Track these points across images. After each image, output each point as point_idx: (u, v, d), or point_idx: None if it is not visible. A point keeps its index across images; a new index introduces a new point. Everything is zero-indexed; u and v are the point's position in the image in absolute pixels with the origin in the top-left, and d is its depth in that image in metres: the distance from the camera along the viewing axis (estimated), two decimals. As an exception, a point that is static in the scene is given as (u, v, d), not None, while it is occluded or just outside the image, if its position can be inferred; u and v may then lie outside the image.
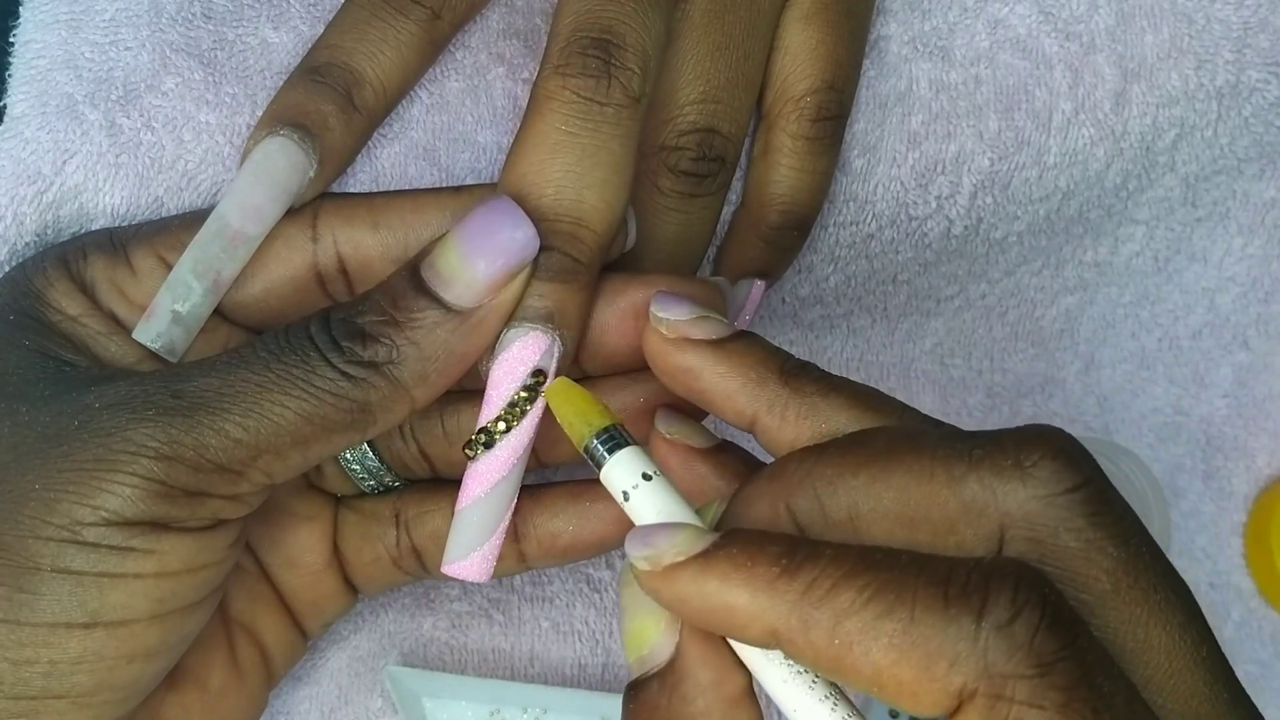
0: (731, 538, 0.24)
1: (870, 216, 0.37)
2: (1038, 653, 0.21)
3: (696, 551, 0.24)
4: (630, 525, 0.28)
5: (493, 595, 0.39)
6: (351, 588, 0.34)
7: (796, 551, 0.23)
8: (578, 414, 0.27)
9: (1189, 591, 0.24)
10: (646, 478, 0.26)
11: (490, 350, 0.29)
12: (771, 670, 0.24)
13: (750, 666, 0.25)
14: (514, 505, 0.29)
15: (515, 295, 0.28)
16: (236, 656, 0.32)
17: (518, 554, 0.33)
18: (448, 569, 0.29)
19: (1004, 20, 0.37)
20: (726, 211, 0.35)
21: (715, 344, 0.28)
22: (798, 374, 0.27)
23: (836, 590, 0.22)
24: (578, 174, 0.28)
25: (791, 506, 0.25)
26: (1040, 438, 0.24)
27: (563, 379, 0.28)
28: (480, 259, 0.27)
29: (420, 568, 0.34)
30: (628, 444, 0.26)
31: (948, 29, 0.36)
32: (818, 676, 0.24)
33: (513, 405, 0.28)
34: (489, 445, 0.28)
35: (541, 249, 0.28)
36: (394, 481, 0.34)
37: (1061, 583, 0.23)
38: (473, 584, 0.39)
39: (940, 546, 0.24)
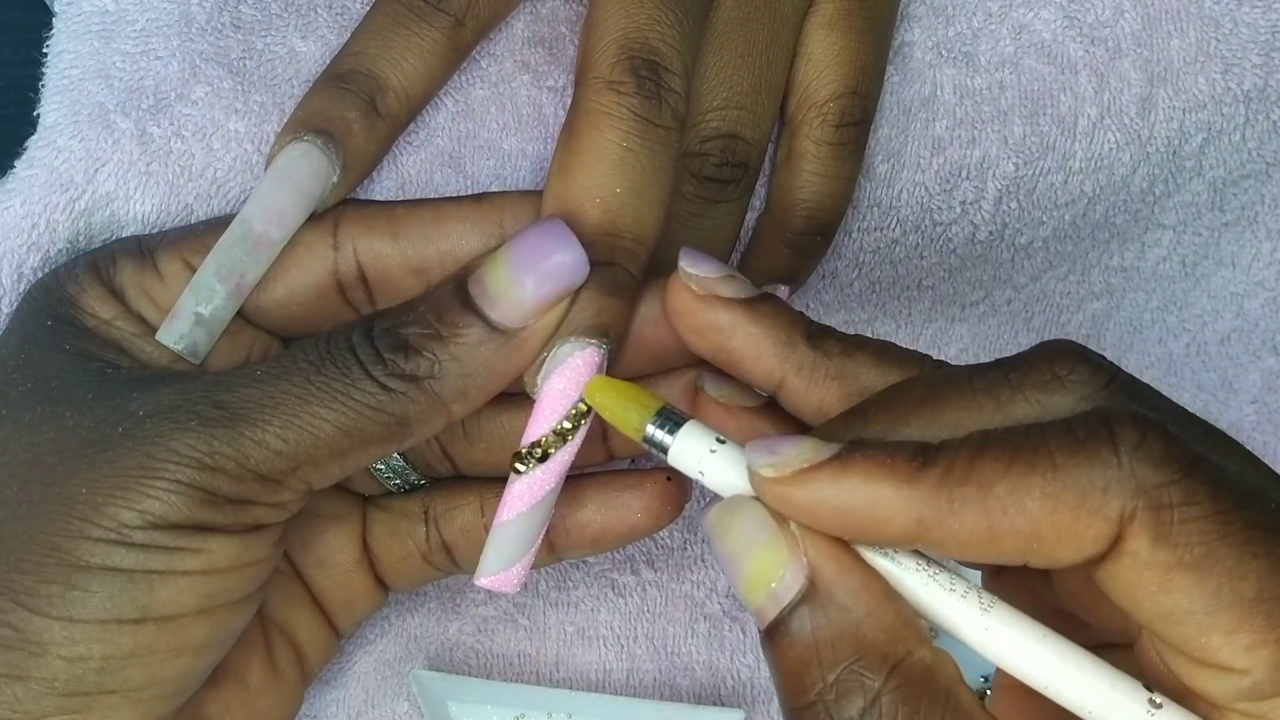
0: (859, 445, 0.24)
1: (894, 222, 0.37)
2: (1176, 460, 0.23)
3: (824, 457, 0.24)
4: (665, 505, 0.32)
5: (518, 600, 0.39)
6: (382, 585, 0.35)
7: (927, 448, 0.24)
8: (628, 404, 0.27)
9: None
10: (721, 441, 0.26)
11: (539, 365, 0.29)
12: (908, 576, 0.25)
13: (884, 575, 0.25)
14: (551, 516, 0.29)
15: (559, 318, 0.28)
16: (273, 655, 0.33)
17: (547, 545, 0.33)
18: (481, 581, 0.29)
19: (1028, 25, 0.36)
20: (750, 217, 0.35)
21: (746, 303, 0.28)
22: (821, 336, 0.28)
23: (976, 466, 0.23)
24: (638, 193, 0.29)
25: None
26: (1063, 349, 0.25)
27: (599, 377, 0.28)
28: (529, 279, 0.27)
29: (450, 562, 0.34)
30: (685, 420, 0.26)
31: (972, 34, 0.36)
32: (953, 577, 0.25)
33: (570, 419, 0.28)
34: (543, 459, 0.28)
35: (605, 264, 0.28)
36: (419, 480, 0.34)
37: None
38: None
39: None
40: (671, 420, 0.26)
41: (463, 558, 0.34)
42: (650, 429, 0.26)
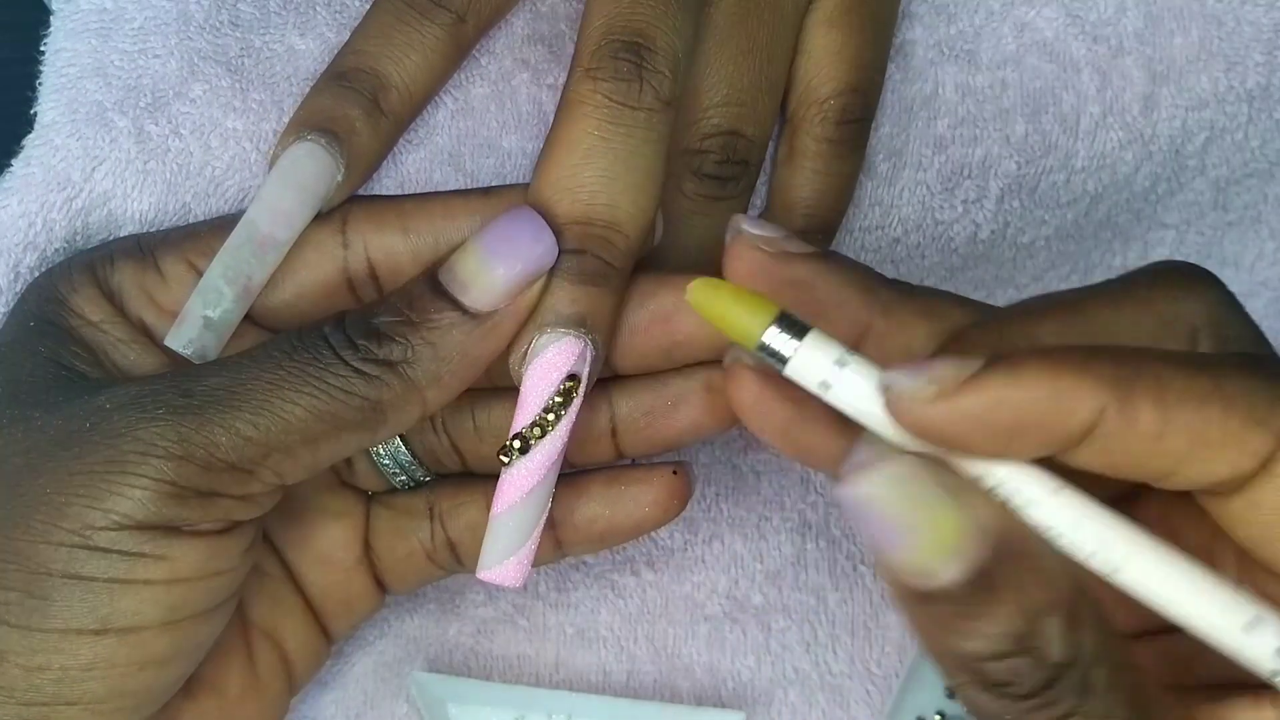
0: (1012, 351, 0.23)
1: (895, 221, 0.37)
2: None
3: (979, 368, 0.23)
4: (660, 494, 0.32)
5: (517, 601, 0.39)
6: (380, 587, 0.35)
7: (1095, 346, 0.24)
8: (739, 307, 0.24)
9: None
10: (851, 354, 0.24)
11: (523, 355, 0.29)
12: (1063, 512, 0.24)
13: (1040, 511, 0.24)
14: (549, 509, 0.29)
15: (531, 302, 0.28)
16: (255, 664, 0.32)
17: (554, 541, 0.33)
18: (483, 575, 0.29)
19: (1031, 23, 0.36)
20: (751, 215, 0.35)
21: (821, 255, 0.28)
22: (897, 282, 0.28)
23: (1149, 363, 0.23)
24: (610, 179, 0.28)
25: None
26: (1180, 265, 0.27)
27: (703, 278, 0.25)
28: (499, 264, 0.28)
29: (455, 561, 0.34)
30: (809, 328, 0.24)
31: (974, 32, 0.36)
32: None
33: (548, 411, 0.28)
34: (524, 451, 0.28)
35: (575, 253, 0.28)
36: (425, 476, 0.34)
37: None
38: (498, 589, 0.39)
39: None
40: (794, 327, 0.24)
41: (467, 555, 0.34)
42: (768, 335, 0.24)
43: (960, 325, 0.27)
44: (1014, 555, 0.23)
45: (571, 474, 0.32)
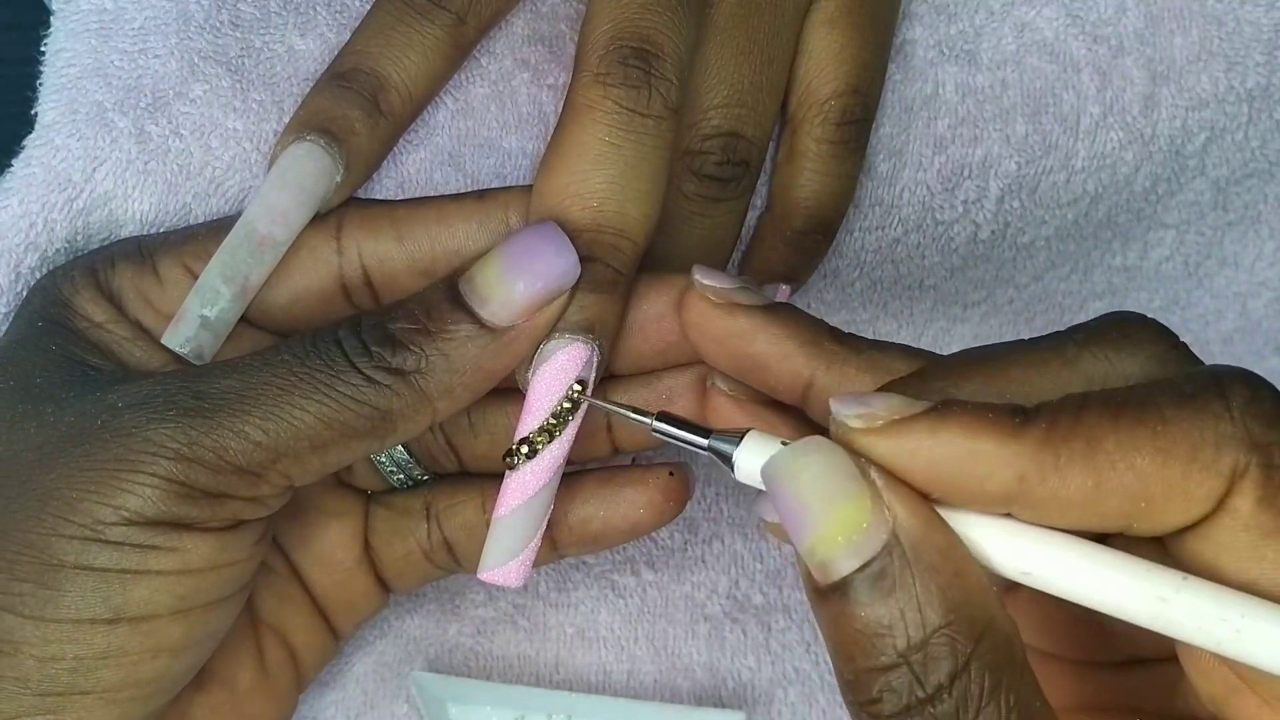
0: (953, 401, 0.23)
1: (896, 221, 0.37)
2: None
3: (917, 411, 0.23)
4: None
5: (517, 601, 0.39)
6: (383, 585, 0.35)
7: (1024, 408, 0.22)
8: None
9: None
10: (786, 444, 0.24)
11: (528, 361, 0.29)
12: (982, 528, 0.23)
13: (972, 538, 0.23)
14: (550, 511, 0.29)
15: (550, 319, 0.28)
16: (265, 658, 0.32)
17: (550, 542, 0.33)
18: (484, 575, 0.29)
19: (1031, 23, 0.36)
20: (751, 216, 0.35)
21: (766, 308, 0.28)
22: (846, 335, 0.28)
23: (1081, 421, 0.22)
24: (620, 186, 0.28)
25: None
26: (1128, 314, 0.25)
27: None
28: (520, 279, 0.27)
29: (452, 560, 0.34)
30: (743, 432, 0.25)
31: (974, 32, 0.36)
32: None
33: (555, 416, 0.28)
34: (531, 455, 0.28)
35: (584, 260, 0.28)
36: (422, 475, 0.34)
37: None
38: (498, 589, 0.39)
39: None
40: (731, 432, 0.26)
41: (464, 555, 0.34)
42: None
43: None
44: (924, 564, 0.22)
45: (566, 474, 0.32)
